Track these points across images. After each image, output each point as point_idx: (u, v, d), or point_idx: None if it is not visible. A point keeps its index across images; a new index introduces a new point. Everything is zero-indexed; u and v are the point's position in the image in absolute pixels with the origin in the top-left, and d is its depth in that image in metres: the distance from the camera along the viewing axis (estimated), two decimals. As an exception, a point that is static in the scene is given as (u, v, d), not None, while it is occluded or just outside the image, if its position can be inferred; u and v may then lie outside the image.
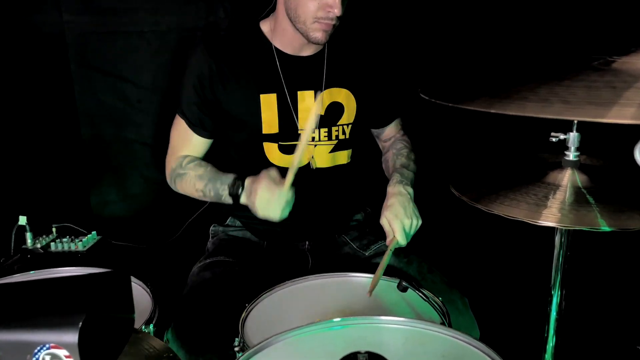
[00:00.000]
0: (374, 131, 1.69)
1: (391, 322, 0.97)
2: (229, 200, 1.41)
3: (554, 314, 1.23)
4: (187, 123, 1.50)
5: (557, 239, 1.17)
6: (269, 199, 1.28)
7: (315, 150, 1.51)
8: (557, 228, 1.16)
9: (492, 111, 0.81)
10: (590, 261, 1.67)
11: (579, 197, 1.02)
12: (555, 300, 1.22)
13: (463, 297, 1.43)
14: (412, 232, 1.36)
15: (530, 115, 0.77)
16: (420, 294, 1.09)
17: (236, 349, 1.11)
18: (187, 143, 1.52)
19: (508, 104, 0.83)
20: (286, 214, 1.31)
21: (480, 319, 1.40)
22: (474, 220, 1.60)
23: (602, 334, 1.78)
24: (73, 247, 1.78)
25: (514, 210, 1.00)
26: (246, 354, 0.88)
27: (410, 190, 1.42)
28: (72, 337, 0.61)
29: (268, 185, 1.29)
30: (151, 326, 1.24)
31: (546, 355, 1.26)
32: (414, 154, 1.61)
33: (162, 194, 2.01)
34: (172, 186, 1.55)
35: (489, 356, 0.85)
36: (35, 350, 0.62)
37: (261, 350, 0.90)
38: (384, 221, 1.36)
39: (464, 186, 1.12)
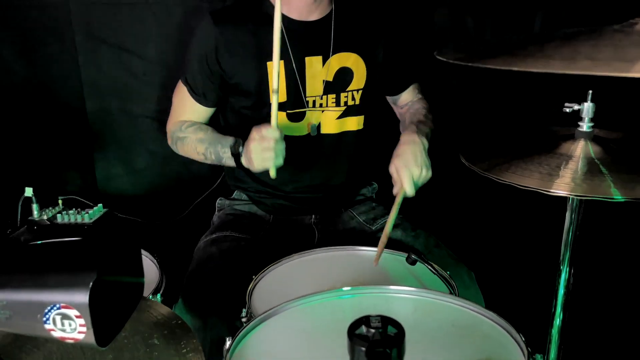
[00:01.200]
0: (390, 98, 1.66)
1: (400, 292, 0.97)
2: (230, 162, 1.41)
3: (562, 289, 1.22)
4: (190, 92, 1.50)
5: (567, 214, 1.16)
6: (261, 147, 1.28)
7: (323, 116, 1.49)
8: (569, 202, 1.15)
9: (515, 69, 0.78)
10: (600, 236, 1.66)
11: (592, 168, 1.00)
12: (563, 276, 1.21)
13: (469, 271, 1.42)
14: (421, 183, 1.32)
15: (554, 71, 0.75)
16: (429, 266, 1.09)
17: (244, 319, 1.11)
18: (188, 110, 1.53)
19: (532, 62, 0.80)
20: (281, 160, 1.30)
21: (487, 293, 1.40)
22: (482, 193, 1.59)
23: (611, 310, 1.77)
24: (79, 219, 1.77)
25: (526, 179, 0.99)
26: (255, 320, 0.87)
27: (425, 141, 1.36)
28: (83, 297, 0.61)
29: (257, 134, 1.29)
30: (158, 296, 1.25)
31: (553, 331, 1.26)
32: (432, 115, 1.56)
33: (169, 170, 2.01)
34: (174, 148, 1.57)
35: (499, 324, 0.84)
36: (46, 310, 0.61)
37: (269, 317, 0.90)
38: (392, 169, 1.32)
39: (474, 156, 1.11)
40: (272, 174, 1.32)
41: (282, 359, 0.79)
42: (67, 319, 0.61)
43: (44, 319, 0.62)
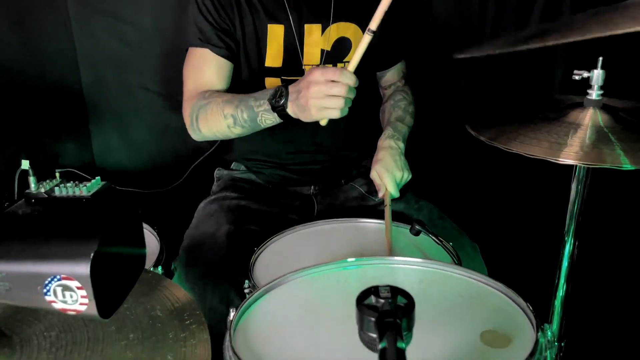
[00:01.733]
0: (377, 74, 1.63)
1: (405, 263, 0.95)
2: (268, 118, 1.25)
3: (566, 261, 1.21)
4: (202, 43, 1.38)
5: (573, 184, 1.14)
6: (327, 91, 1.11)
7: None
8: (575, 172, 1.13)
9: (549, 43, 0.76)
10: (606, 208, 1.64)
11: (601, 136, 0.98)
12: (567, 248, 1.21)
13: (473, 243, 1.41)
14: (402, 183, 1.39)
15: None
16: (433, 237, 1.07)
17: (246, 291, 1.10)
18: (205, 71, 1.39)
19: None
20: (346, 111, 1.16)
21: (491, 265, 1.39)
22: (487, 162, 1.58)
23: (615, 283, 1.77)
24: (77, 192, 1.75)
25: (533, 148, 0.97)
26: (259, 291, 0.86)
27: (402, 144, 1.43)
28: (84, 268, 0.59)
29: (323, 72, 1.11)
30: (160, 268, 1.24)
31: (556, 302, 1.25)
32: (413, 106, 1.57)
33: (166, 142, 1.99)
34: (194, 129, 1.39)
35: (506, 294, 0.83)
36: (46, 282, 0.60)
37: (273, 288, 0.89)
38: (374, 175, 1.38)
39: (480, 125, 1.09)
40: (324, 122, 1.21)
41: (287, 330, 0.78)
42: (69, 291, 0.60)
43: (45, 290, 0.60)
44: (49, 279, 0.60)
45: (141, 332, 0.86)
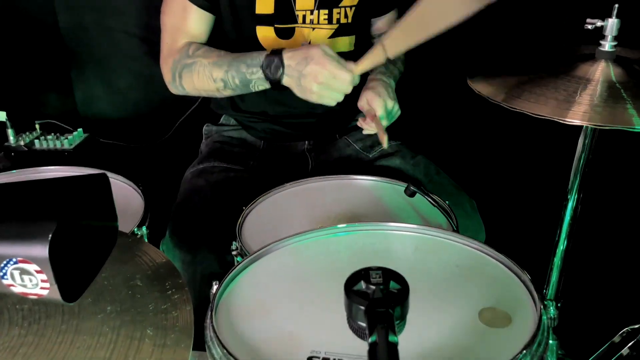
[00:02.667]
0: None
1: (400, 229, 0.90)
2: (262, 85, 1.22)
3: (568, 217, 1.17)
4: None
5: (580, 139, 1.08)
6: (332, 86, 1.13)
7: (313, 34, 1.36)
8: (582, 131, 1.07)
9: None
10: (611, 167, 1.58)
11: (612, 93, 0.91)
12: (570, 204, 1.16)
13: (471, 200, 1.36)
14: (392, 118, 1.29)
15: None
16: (429, 198, 1.01)
17: (234, 253, 1.06)
18: (185, 25, 1.30)
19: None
20: (342, 99, 1.18)
21: (488, 223, 1.34)
22: (487, 116, 1.50)
23: (616, 241, 1.73)
24: (59, 145, 1.69)
25: (538, 107, 0.90)
26: (243, 262, 0.81)
27: (393, 83, 1.34)
28: (42, 250, 0.53)
29: (334, 72, 1.12)
30: (144, 228, 1.18)
31: (555, 259, 1.22)
32: (403, 55, 1.47)
33: (152, 90, 1.90)
34: (176, 85, 1.32)
35: (504, 264, 0.78)
36: (2, 265, 0.54)
37: (258, 258, 0.83)
38: (362, 102, 1.28)
39: (482, 79, 1.01)
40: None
41: (273, 306, 0.73)
42: (27, 274, 0.54)
43: (1, 274, 0.54)
44: (5, 262, 0.54)
45: (119, 304, 0.81)
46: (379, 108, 1.24)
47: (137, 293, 0.84)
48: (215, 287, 0.75)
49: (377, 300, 0.50)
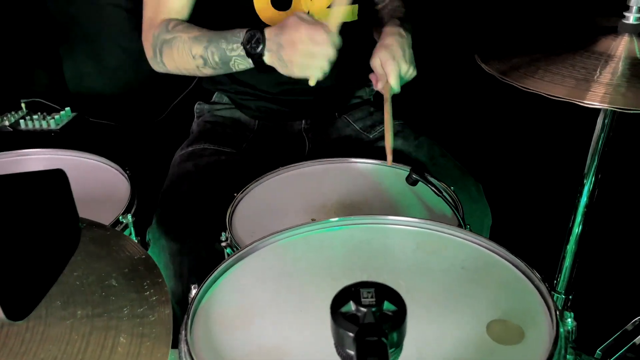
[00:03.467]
0: None
1: (399, 222, 0.82)
2: (242, 63, 1.14)
3: (584, 200, 1.09)
4: None
5: (600, 119, 0.99)
6: (313, 52, 1.04)
7: (312, 5, 1.26)
8: (601, 113, 0.98)
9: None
10: (633, 149, 1.49)
11: (637, 71, 0.82)
12: (587, 187, 1.08)
13: (477, 183, 1.28)
14: (406, 79, 1.18)
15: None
16: (433, 187, 0.93)
17: (223, 244, 0.98)
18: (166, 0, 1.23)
19: None
20: (329, 71, 1.08)
21: (495, 207, 1.27)
22: (496, 96, 1.41)
23: (633, 227, 1.65)
24: (45, 125, 1.62)
25: (553, 87, 0.81)
26: (226, 262, 0.73)
27: (410, 36, 1.20)
28: (-22, 265, 0.45)
29: (310, 33, 1.03)
30: (129, 216, 1.11)
31: (568, 246, 1.15)
32: (411, 17, 1.36)
33: (144, 67, 1.80)
34: (157, 62, 1.26)
35: (516, 266, 0.70)
36: None
37: (244, 257, 0.76)
38: (375, 62, 1.16)
39: (492, 56, 0.92)
40: (313, 82, 1.11)
41: (257, 312, 0.66)
42: (-36, 292, 0.47)
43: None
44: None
45: (91, 308, 0.74)
46: (392, 74, 1.13)
47: (111, 294, 0.77)
48: (193, 292, 0.68)
49: (369, 327, 0.43)
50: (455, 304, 0.64)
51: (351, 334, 0.43)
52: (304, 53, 1.04)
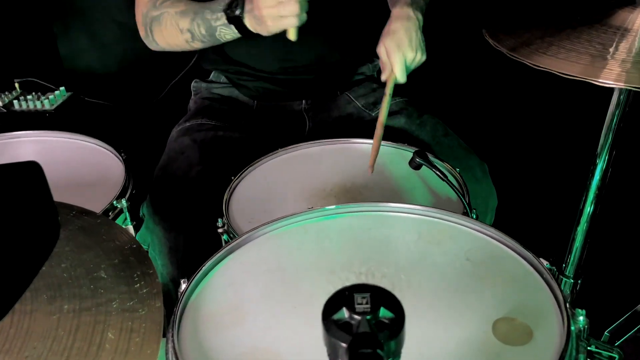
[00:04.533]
0: None
1: (400, 210, 0.78)
2: (227, 32, 1.11)
3: (596, 180, 1.05)
4: None
5: (614, 96, 0.94)
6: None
7: None
8: (615, 92, 0.93)
9: None
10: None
11: (656, 47, 0.76)
12: (600, 166, 1.03)
13: (482, 162, 1.23)
14: (413, 67, 1.12)
15: None
16: (437, 172, 0.89)
17: (220, 230, 0.95)
18: None
19: None
20: (305, 17, 1.03)
21: (500, 188, 1.22)
22: (501, 71, 1.35)
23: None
24: (39, 106, 1.58)
25: (565, 64, 0.76)
26: (220, 252, 0.70)
27: (420, 16, 1.14)
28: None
29: None
30: (124, 201, 1.07)
31: (579, 228, 1.11)
32: None
33: (140, 44, 1.75)
34: (150, 40, 1.24)
35: (524, 258, 0.66)
36: None
37: (235, 249, 0.72)
38: (381, 49, 1.11)
39: (501, 30, 0.86)
40: (293, 36, 1.06)
41: (249, 310, 0.63)
42: None
43: None
44: None
45: (79, 302, 0.71)
46: (397, 64, 1.08)
47: (100, 287, 0.74)
48: (183, 286, 0.64)
49: (363, 337, 0.39)
50: (459, 301, 0.60)
51: (344, 345, 0.39)
52: (268, 1, 1.00)
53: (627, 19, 0.81)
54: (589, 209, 1.08)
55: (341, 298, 0.42)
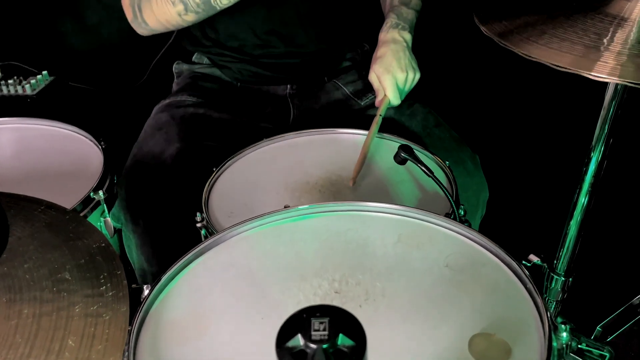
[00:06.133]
0: None
1: (380, 209, 0.74)
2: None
3: (591, 173, 1.01)
4: None
5: (610, 87, 0.90)
6: None
7: None
8: (609, 87, 0.89)
9: None
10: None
11: (654, 38, 0.72)
12: (595, 158, 0.99)
13: (474, 154, 1.19)
14: (408, 88, 1.15)
15: None
16: (423, 167, 0.85)
17: (198, 225, 0.91)
18: None
19: None
20: None
21: (492, 180, 1.18)
22: (496, 61, 1.30)
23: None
24: (21, 91, 1.54)
25: (560, 56, 0.71)
26: (187, 256, 0.66)
27: (408, 36, 1.16)
28: None
29: None
30: (101, 193, 1.03)
31: (572, 222, 1.07)
32: None
33: (125, 24, 1.70)
34: (139, 22, 1.16)
35: (507, 264, 0.62)
36: None
37: (203, 252, 0.68)
38: (372, 77, 1.14)
39: (492, 16, 0.81)
40: None
41: (214, 319, 0.59)
42: None
43: None
44: None
45: (39, 306, 0.67)
46: (388, 88, 1.11)
47: (63, 290, 0.70)
48: (146, 292, 0.61)
49: (317, 368, 0.35)
50: (435, 313, 0.56)
51: (295, 379, 0.35)
52: None
53: (624, 7, 0.76)
54: (582, 201, 1.05)
55: (297, 322, 0.38)
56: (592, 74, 0.68)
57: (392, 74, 1.11)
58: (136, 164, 1.12)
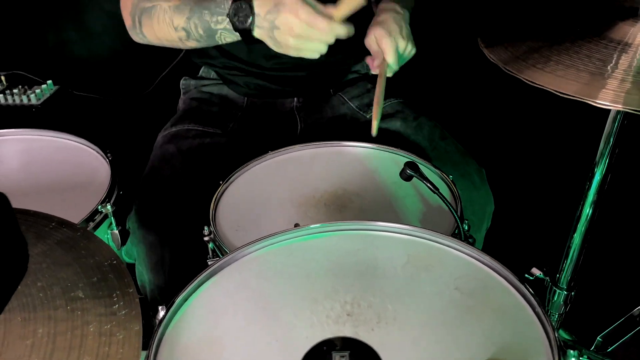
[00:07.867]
0: None
1: (388, 229, 0.75)
2: (229, 37, 1.04)
3: (594, 188, 1.02)
4: None
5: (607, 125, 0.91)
6: (310, 37, 0.95)
7: None
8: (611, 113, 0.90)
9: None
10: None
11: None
12: (598, 173, 1.01)
13: (480, 168, 1.20)
14: (405, 57, 1.09)
15: None
16: (428, 184, 0.86)
17: (206, 238, 0.93)
18: None
19: None
20: (325, 51, 1.00)
21: (498, 194, 1.20)
22: (500, 75, 1.31)
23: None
24: (26, 100, 1.55)
25: (565, 83, 0.73)
26: (201, 276, 0.67)
27: (407, 14, 1.11)
28: None
29: (310, 21, 0.93)
30: (109, 206, 1.05)
31: (575, 235, 1.08)
32: None
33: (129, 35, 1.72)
34: (137, 32, 1.16)
35: (515, 288, 0.64)
36: None
37: (221, 269, 0.70)
38: (370, 40, 1.07)
39: (497, 40, 0.83)
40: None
41: (228, 343, 0.60)
42: None
43: None
44: None
45: (54, 325, 0.68)
46: (389, 50, 1.04)
47: (77, 308, 0.71)
48: (161, 314, 0.62)
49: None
50: (445, 336, 0.57)
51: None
52: (302, 39, 0.95)
53: (628, 32, 0.77)
54: (586, 214, 1.06)
55: (319, 354, 0.39)
56: (598, 101, 0.69)
57: (393, 38, 1.04)
58: (145, 197, 1.12)
